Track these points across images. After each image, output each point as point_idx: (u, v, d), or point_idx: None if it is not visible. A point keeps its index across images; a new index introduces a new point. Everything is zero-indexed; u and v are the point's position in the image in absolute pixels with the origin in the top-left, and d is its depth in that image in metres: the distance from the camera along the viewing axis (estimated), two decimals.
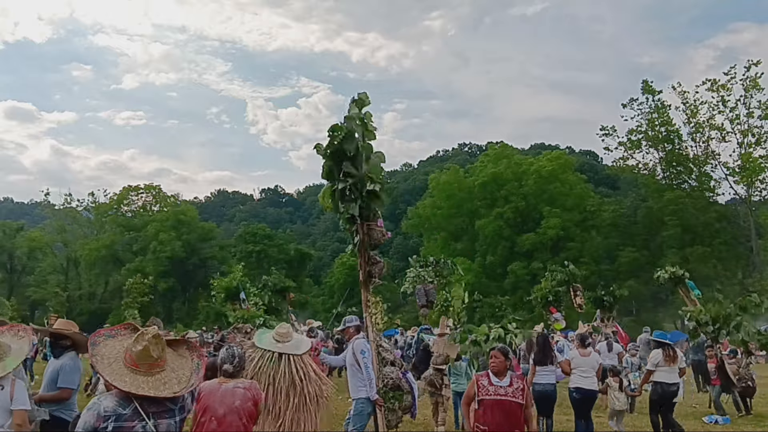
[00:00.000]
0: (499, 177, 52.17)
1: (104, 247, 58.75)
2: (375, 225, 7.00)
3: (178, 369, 3.21)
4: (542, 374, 8.65)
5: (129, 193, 63.65)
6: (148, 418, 2.99)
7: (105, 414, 2.98)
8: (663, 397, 8.91)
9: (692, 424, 11.01)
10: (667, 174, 48.96)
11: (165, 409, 3.08)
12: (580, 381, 8.31)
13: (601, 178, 66.46)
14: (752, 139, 43.82)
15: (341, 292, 57.46)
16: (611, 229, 49.70)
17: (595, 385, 8.38)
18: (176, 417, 3.14)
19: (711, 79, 45.01)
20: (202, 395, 4.22)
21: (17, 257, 60.67)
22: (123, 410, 3.00)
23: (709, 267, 41.30)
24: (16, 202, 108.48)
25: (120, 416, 2.97)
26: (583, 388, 8.29)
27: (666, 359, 8.90)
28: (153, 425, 2.98)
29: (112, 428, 2.94)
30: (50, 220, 65.90)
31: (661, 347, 9.06)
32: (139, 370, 3.06)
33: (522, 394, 5.54)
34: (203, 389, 4.26)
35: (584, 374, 8.32)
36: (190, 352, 3.36)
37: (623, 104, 48.11)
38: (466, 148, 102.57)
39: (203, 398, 4.21)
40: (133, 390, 2.98)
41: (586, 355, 8.47)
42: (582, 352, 8.56)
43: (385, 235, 6.99)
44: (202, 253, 60.42)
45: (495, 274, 49.28)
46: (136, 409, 2.99)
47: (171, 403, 3.12)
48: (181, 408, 3.23)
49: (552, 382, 8.68)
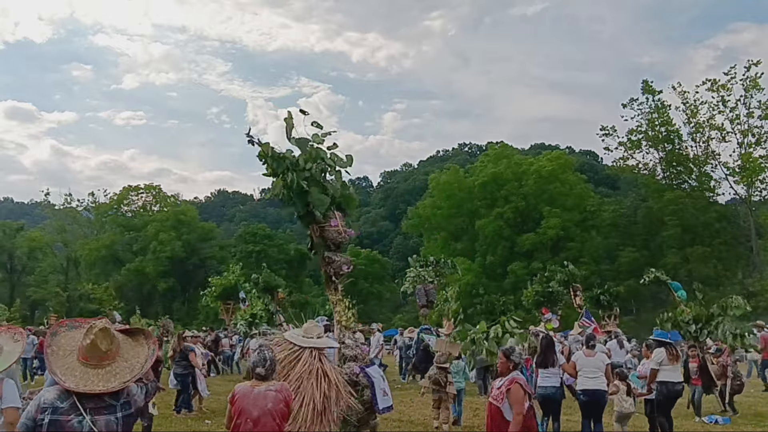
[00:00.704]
0: (499, 177, 52.17)
1: (104, 247, 58.78)
2: (328, 226, 7.06)
3: (132, 358, 3.22)
4: (545, 377, 8.52)
5: (129, 193, 63.67)
6: (85, 413, 2.97)
7: (43, 406, 2.99)
8: (669, 396, 8.82)
9: (691, 424, 11.02)
10: (667, 174, 48.96)
11: (104, 405, 3.04)
12: (586, 382, 8.13)
13: (601, 178, 66.46)
14: (752, 139, 43.84)
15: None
16: (611, 229, 49.70)
17: (603, 386, 8.16)
18: (117, 413, 3.07)
19: (711, 79, 45.08)
20: (237, 398, 4.44)
21: (17, 257, 60.67)
22: (61, 404, 2.99)
23: (709, 267, 41.33)
24: (16, 202, 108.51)
25: (57, 409, 2.97)
26: (590, 389, 8.10)
27: (669, 358, 8.84)
28: (90, 420, 2.96)
29: (48, 420, 2.94)
30: (50, 220, 65.92)
31: (663, 346, 9.01)
32: (89, 363, 3.08)
33: (502, 396, 5.58)
34: (237, 392, 4.47)
35: (590, 375, 8.13)
36: (147, 340, 3.39)
37: (623, 104, 48.19)
38: (466, 148, 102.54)
39: (237, 401, 4.43)
40: (80, 388, 2.99)
41: (591, 356, 8.27)
42: (587, 352, 8.35)
43: (343, 233, 7.02)
44: (202, 253, 60.46)
45: (495, 274, 49.29)
46: (74, 404, 2.98)
47: (111, 399, 3.07)
48: (126, 404, 3.14)
49: (555, 384, 8.54)
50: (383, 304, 56.78)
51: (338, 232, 7.08)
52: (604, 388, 8.18)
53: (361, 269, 57.33)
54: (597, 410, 8.24)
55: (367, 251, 60.88)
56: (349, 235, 7.13)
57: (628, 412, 8.82)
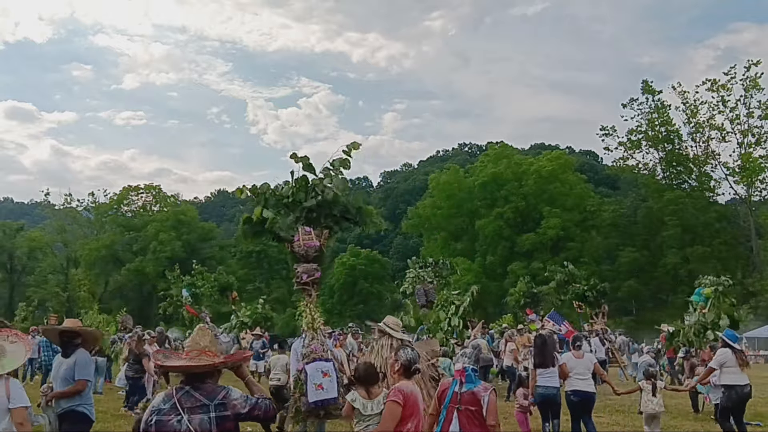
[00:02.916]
0: (499, 177, 52.17)
1: (104, 247, 58.73)
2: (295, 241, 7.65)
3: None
4: (544, 377, 8.45)
5: (129, 193, 63.64)
6: (183, 412, 3.17)
7: (151, 409, 3.28)
8: (738, 402, 8.31)
9: (691, 424, 11.02)
10: (667, 174, 49.00)
11: (198, 405, 3.21)
12: (576, 383, 8.13)
13: (601, 178, 66.45)
14: (752, 139, 43.90)
15: (341, 292, 57.55)
16: (611, 229, 49.71)
17: (591, 387, 8.21)
18: (211, 413, 3.20)
19: (711, 79, 45.17)
20: (411, 399, 4.37)
21: (17, 257, 60.64)
22: (163, 405, 3.23)
23: (709, 267, 41.26)
24: (16, 202, 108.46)
25: (160, 411, 3.21)
26: (581, 390, 8.11)
27: (738, 361, 8.18)
28: (187, 420, 3.15)
29: (155, 420, 3.19)
30: (50, 220, 65.90)
31: (730, 348, 8.30)
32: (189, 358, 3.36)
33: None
34: (409, 392, 4.40)
35: (580, 376, 8.14)
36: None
37: (623, 104, 48.31)
38: (466, 148, 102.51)
39: (412, 402, 4.36)
40: (166, 363, 3.42)
41: (579, 357, 8.29)
42: (575, 354, 8.36)
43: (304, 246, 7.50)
44: (202, 253, 60.32)
45: (495, 274, 49.27)
46: (174, 405, 3.20)
47: (205, 399, 3.23)
48: (221, 405, 3.23)
49: (555, 384, 8.47)
50: (383, 304, 56.76)
51: (298, 245, 7.57)
52: (593, 389, 8.27)
53: (361, 269, 57.38)
54: (586, 410, 8.26)
55: (367, 251, 60.88)
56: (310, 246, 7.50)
57: (655, 413, 8.62)
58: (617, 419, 10.81)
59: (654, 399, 8.52)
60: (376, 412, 4.73)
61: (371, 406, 4.81)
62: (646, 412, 8.64)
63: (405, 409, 4.31)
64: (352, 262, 57.49)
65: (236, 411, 3.27)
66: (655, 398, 8.53)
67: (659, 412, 8.66)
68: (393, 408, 4.33)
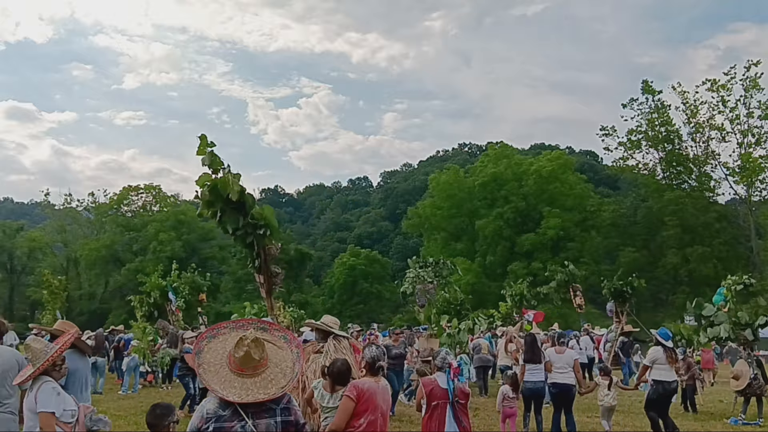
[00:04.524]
0: (499, 177, 52.17)
1: (104, 247, 58.72)
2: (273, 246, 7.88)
3: (281, 362, 3.29)
4: (532, 372, 9.08)
5: (129, 193, 63.59)
6: (247, 417, 3.07)
7: (207, 416, 3.10)
8: (664, 396, 9.02)
9: (691, 424, 11.02)
10: (667, 174, 48.96)
11: (264, 409, 3.13)
12: (556, 377, 8.81)
13: (601, 178, 66.46)
14: (752, 139, 43.85)
15: (341, 292, 57.52)
16: (611, 229, 49.69)
17: (571, 380, 8.79)
18: (277, 417, 3.16)
19: (711, 79, 45.12)
20: (366, 394, 4.38)
21: (17, 257, 60.65)
22: (223, 411, 3.09)
23: (709, 267, 41.33)
24: (16, 202, 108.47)
25: (220, 417, 3.07)
26: (559, 382, 8.77)
27: (668, 359, 9.00)
28: (252, 425, 3.05)
29: (213, 429, 3.05)
30: (50, 220, 65.87)
31: (662, 346, 9.10)
32: (245, 374, 3.14)
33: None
34: (363, 388, 4.43)
35: (560, 370, 8.78)
36: (289, 344, 3.44)
37: (623, 104, 48.23)
38: (466, 148, 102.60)
39: (367, 396, 4.37)
40: (243, 399, 3.06)
41: (560, 353, 8.91)
42: (557, 349, 8.99)
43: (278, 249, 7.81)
44: (202, 253, 60.37)
45: (495, 274, 49.26)
46: (236, 410, 3.07)
47: (271, 403, 3.16)
48: (286, 410, 3.21)
49: (542, 379, 9.07)
50: (383, 304, 56.77)
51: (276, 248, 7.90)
52: (572, 382, 8.82)
53: (361, 269, 57.35)
54: (566, 402, 8.85)
55: (367, 251, 60.86)
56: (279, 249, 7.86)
57: (610, 406, 9.33)
58: (617, 419, 10.79)
59: (609, 393, 9.34)
60: (333, 406, 4.87)
61: (330, 399, 4.99)
62: (602, 405, 9.40)
63: (359, 404, 4.38)
64: (352, 262, 57.48)
65: (297, 419, 3.24)
66: (610, 392, 9.34)
67: (614, 405, 9.47)
68: (346, 403, 4.43)
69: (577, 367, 8.94)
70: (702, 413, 12.28)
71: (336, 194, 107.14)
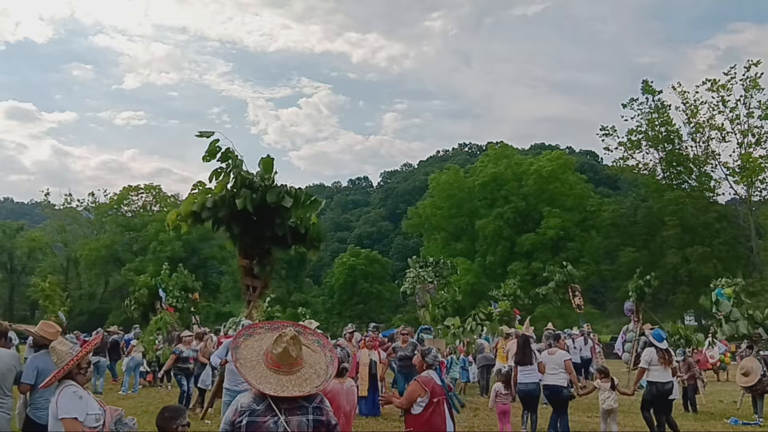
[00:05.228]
0: (499, 177, 52.16)
1: (104, 247, 58.72)
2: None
3: (315, 364, 3.35)
4: (524, 374, 9.16)
5: (129, 193, 63.59)
6: (280, 413, 3.10)
7: (241, 409, 3.15)
8: (657, 396, 9.08)
9: (691, 424, 11.02)
10: (667, 174, 48.93)
11: (297, 406, 3.16)
12: (548, 378, 8.90)
13: (601, 178, 66.48)
14: (752, 139, 43.84)
15: (341, 292, 57.51)
16: (611, 229, 49.65)
17: (562, 381, 8.83)
18: (309, 415, 3.18)
19: (711, 79, 45.08)
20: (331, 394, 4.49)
21: (17, 257, 60.66)
22: (257, 406, 3.14)
23: (709, 267, 41.27)
24: (16, 202, 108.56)
25: (254, 411, 3.12)
26: (550, 384, 8.86)
27: (661, 360, 9.04)
28: (284, 421, 3.09)
29: (246, 422, 3.10)
30: (50, 220, 65.89)
31: (655, 348, 9.16)
32: (281, 370, 3.19)
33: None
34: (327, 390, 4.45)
35: (552, 372, 8.85)
36: (323, 348, 3.50)
37: (623, 104, 48.18)
38: (466, 148, 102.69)
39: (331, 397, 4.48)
40: (279, 393, 3.12)
41: (552, 354, 8.99)
42: (549, 351, 9.07)
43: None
44: (202, 253, 60.37)
45: (495, 274, 49.20)
46: (270, 405, 3.11)
47: (304, 401, 3.19)
48: (318, 409, 3.22)
49: (534, 380, 9.12)
50: (383, 304, 56.78)
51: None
52: (563, 383, 8.85)
53: (361, 269, 57.34)
54: (558, 403, 8.93)
55: (367, 251, 60.86)
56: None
57: (611, 408, 9.21)
58: (617, 419, 10.80)
59: (611, 395, 9.14)
60: None
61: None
62: (602, 408, 9.24)
63: None
64: (352, 262, 57.48)
65: (329, 419, 3.25)
66: (611, 394, 9.16)
67: (615, 408, 9.28)
68: None
69: (569, 367, 8.89)
70: (702, 413, 12.28)
71: (336, 194, 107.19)
